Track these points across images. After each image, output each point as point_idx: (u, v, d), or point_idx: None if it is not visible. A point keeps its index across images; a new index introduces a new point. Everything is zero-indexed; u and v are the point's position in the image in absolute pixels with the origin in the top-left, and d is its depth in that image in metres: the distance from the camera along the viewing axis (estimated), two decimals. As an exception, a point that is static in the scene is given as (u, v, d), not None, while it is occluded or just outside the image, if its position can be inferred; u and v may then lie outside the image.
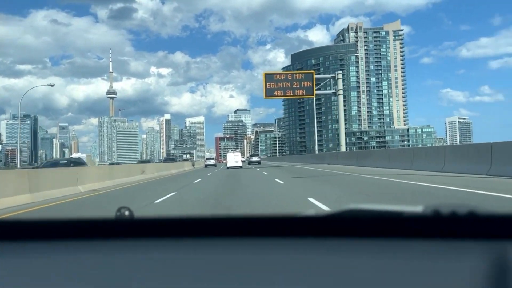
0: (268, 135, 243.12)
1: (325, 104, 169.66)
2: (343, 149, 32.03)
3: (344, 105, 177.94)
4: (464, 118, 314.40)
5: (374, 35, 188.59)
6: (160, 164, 38.56)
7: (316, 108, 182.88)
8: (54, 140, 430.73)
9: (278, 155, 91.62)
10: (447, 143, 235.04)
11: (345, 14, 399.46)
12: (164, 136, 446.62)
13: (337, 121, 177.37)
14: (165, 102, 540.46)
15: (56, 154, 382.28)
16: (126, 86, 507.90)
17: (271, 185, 13.21)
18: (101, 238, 0.80)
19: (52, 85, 41.02)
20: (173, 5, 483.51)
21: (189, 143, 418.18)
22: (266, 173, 21.14)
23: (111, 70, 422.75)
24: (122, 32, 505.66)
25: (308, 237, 0.74)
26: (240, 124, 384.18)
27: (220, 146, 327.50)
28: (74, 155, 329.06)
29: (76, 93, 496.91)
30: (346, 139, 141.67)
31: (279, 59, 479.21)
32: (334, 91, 33.59)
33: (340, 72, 33.09)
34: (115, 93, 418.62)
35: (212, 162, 53.08)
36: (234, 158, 37.93)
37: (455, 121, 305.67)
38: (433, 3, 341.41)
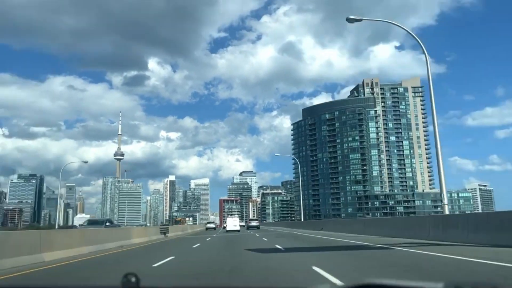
0: (276, 198, 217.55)
1: (342, 163, 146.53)
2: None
3: (364, 165, 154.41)
4: (484, 185, 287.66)
5: (392, 91, 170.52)
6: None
7: (330, 167, 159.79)
8: (59, 200, 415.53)
9: (299, 220, 67.88)
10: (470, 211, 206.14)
11: (350, 83, 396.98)
12: (168, 198, 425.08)
13: (357, 182, 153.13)
14: (172, 165, 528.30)
15: (60, 214, 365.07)
16: (136, 149, 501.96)
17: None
18: None
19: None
20: (184, 73, 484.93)
21: (193, 205, 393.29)
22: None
23: (119, 132, 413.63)
24: (134, 97, 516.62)
25: None
26: (245, 186, 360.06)
27: (224, 209, 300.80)
28: (79, 216, 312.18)
29: (87, 155, 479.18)
30: (368, 203, 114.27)
31: (285, 124, 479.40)
32: None
33: None
34: (122, 154, 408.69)
35: (212, 225, 58.19)
36: (233, 223, 40.27)
37: (475, 188, 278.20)
38: (436, 74, 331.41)
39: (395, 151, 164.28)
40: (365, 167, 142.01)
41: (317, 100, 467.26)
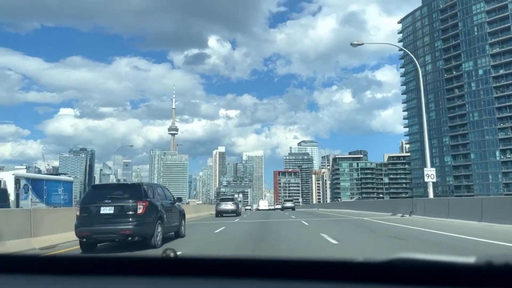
0: (355, 164, 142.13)
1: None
2: None
3: None
4: None
5: None
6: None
7: (494, 86, 74.67)
8: (110, 176, 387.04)
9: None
10: None
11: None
12: (217, 172, 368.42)
13: None
14: (231, 142, 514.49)
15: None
16: (197, 127, 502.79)
17: None
18: (148, 275, 0.83)
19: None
20: (243, 50, 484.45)
21: (245, 180, 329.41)
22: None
23: (173, 107, 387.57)
24: (195, 76, 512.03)
25: (357, 283, 0.71)
26: (305, 157, 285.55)
27: (280, 183, 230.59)
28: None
29: (151, 133, 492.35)
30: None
31: (346, 99, 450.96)
32: None
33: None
34: (176, 129, 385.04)
35: (248, 207, 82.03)
36: (263, 204, 63.98)
37: None
38: None
39: None
40: None
41: (381, 73, 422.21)
